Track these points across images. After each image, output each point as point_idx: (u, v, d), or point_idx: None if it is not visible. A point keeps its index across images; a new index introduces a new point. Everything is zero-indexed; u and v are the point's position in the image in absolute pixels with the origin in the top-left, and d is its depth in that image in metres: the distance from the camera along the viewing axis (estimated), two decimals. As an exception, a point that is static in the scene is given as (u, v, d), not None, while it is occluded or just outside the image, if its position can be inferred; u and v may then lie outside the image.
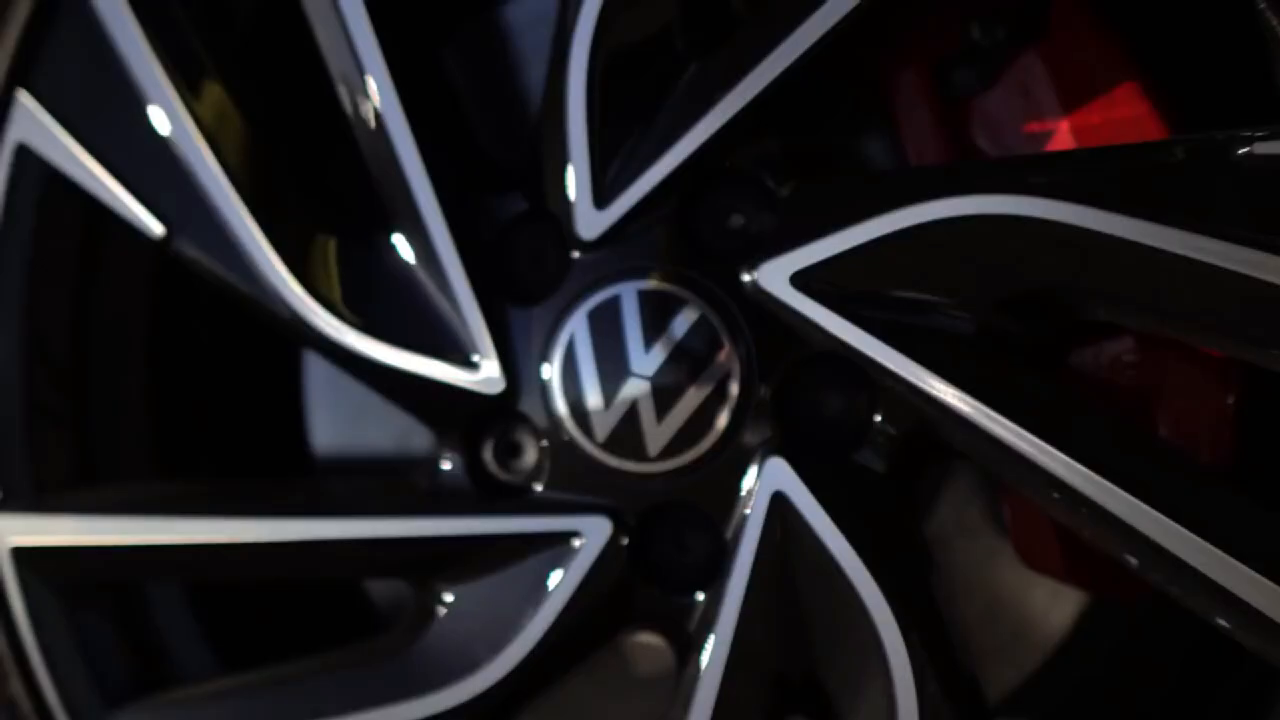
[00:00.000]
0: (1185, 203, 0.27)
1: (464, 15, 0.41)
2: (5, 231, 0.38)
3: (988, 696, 0.34)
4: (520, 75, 0.41)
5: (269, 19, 0.39)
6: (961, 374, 0.30)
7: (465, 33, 0.41)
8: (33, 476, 0.39)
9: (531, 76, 0.40)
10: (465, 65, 0.42)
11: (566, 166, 0.33)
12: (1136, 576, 0.29)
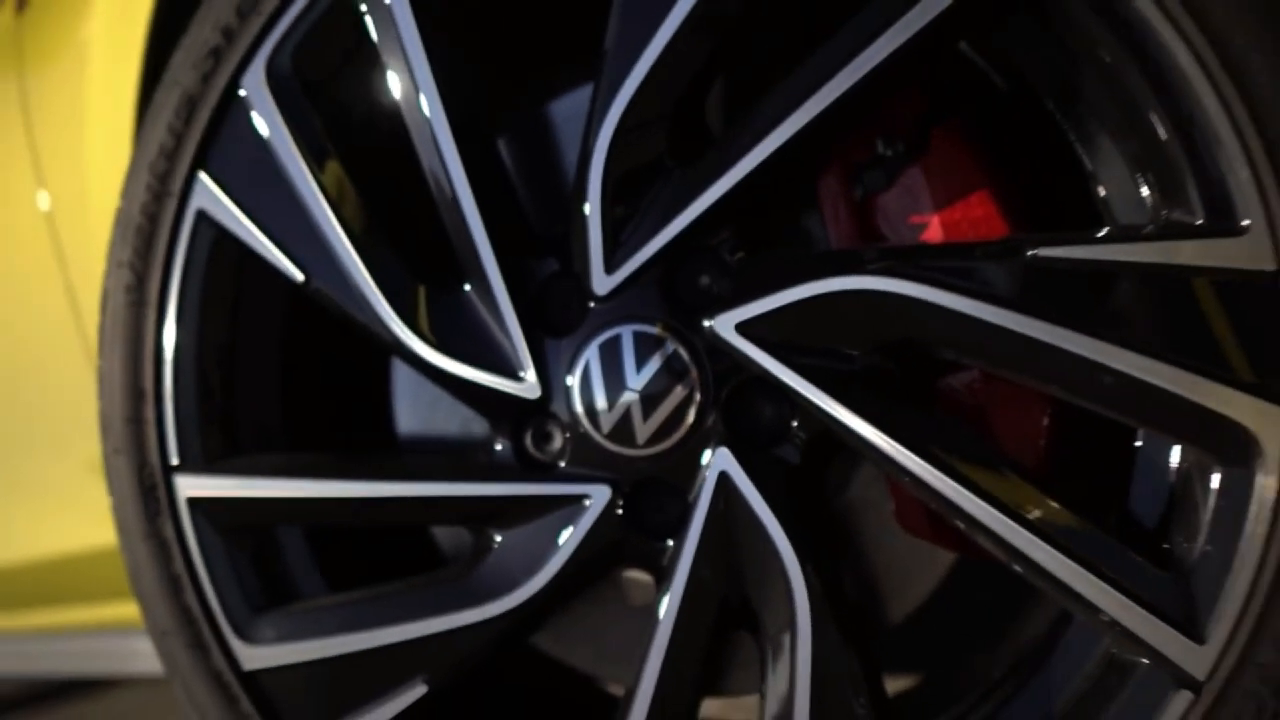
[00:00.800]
0: (993, 286, 0.41)
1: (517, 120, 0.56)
2: (186, 271, 0.54)
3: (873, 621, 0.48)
4: (555, 173, 0.56)
5: (378, 121, 0.53)
6: (850, 396, 0.43)
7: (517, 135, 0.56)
8: (202, 449, 0.55)
9: (564, 171, 0.55)
10: (517, 161, 0.56)
11: (587, 243, 0.47)
12: (967, 538, 0.43)
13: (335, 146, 0.53)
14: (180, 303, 0.54)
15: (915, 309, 0.41)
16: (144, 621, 0.56)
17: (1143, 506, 0.44)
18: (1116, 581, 0.40)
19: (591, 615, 0.57)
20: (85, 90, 0.73)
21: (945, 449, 0.42)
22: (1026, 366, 0.42)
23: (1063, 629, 0.46)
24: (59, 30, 0.80)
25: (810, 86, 0.43)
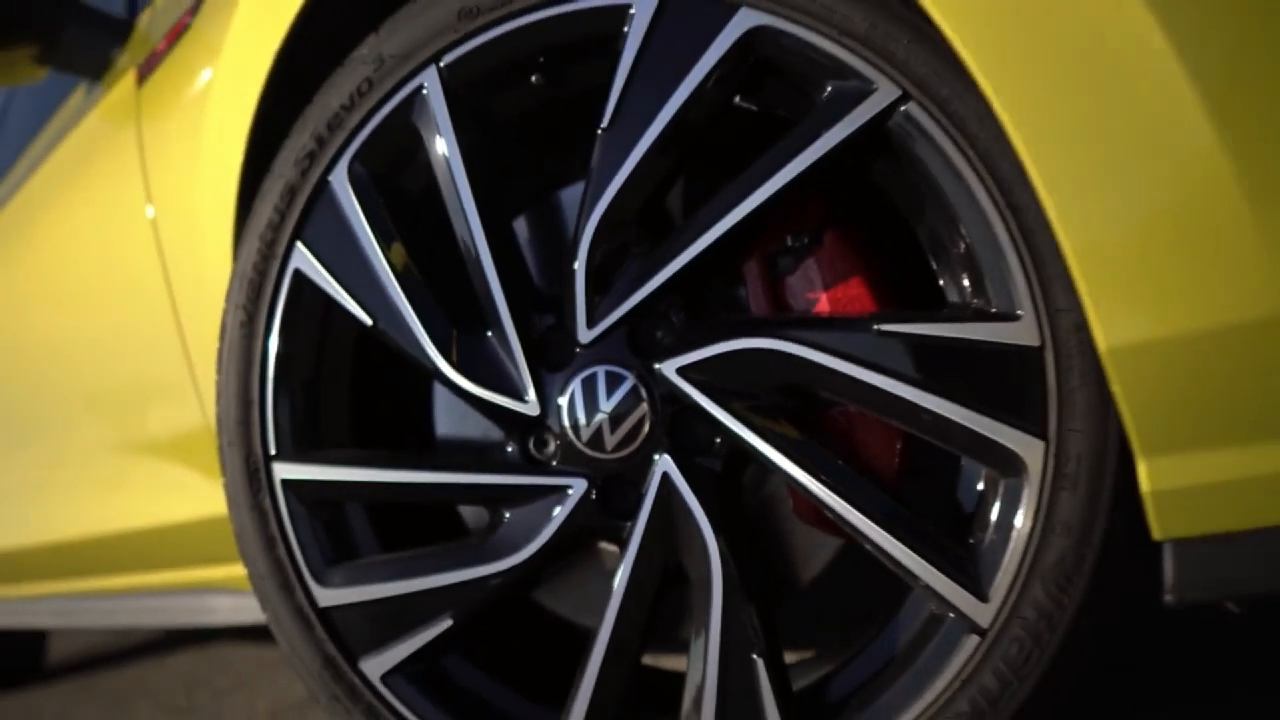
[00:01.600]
0: (851, 349, 0.59)
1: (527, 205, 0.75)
2: (285, 313, 0.73)
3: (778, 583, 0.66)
4: (554, 249, 0.74)
5: (426, 205, 0.72)
6: (755, 423, 0.62)
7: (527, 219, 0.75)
8: (292, 443, 0.74)
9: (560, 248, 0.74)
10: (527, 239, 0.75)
11: (575, 305, 0.65)
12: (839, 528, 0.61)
13: (395, 224, 0.72)
14: (280, 336, 0.73)
15: (798, 363, 0.59)
16: (246, 569, 0.76)
17: (960, 505, 0.62)
18: (931, 558, 0.58)
19: (575, 576, 0.75)
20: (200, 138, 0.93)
21: (819, 463, 0.60)
22: (874, 406, 0.60)
23: (906, 594, 0.63)
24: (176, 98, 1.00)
25: (730, 203, 0.61)
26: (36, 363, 1.40)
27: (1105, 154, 0.45)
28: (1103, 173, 0.45)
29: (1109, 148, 0.45)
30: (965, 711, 0.57)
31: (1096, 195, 0.45)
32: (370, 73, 0.70)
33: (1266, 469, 0.43)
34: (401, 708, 0.70)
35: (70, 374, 1.32)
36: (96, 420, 1.32)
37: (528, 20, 0.66)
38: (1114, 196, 0.45)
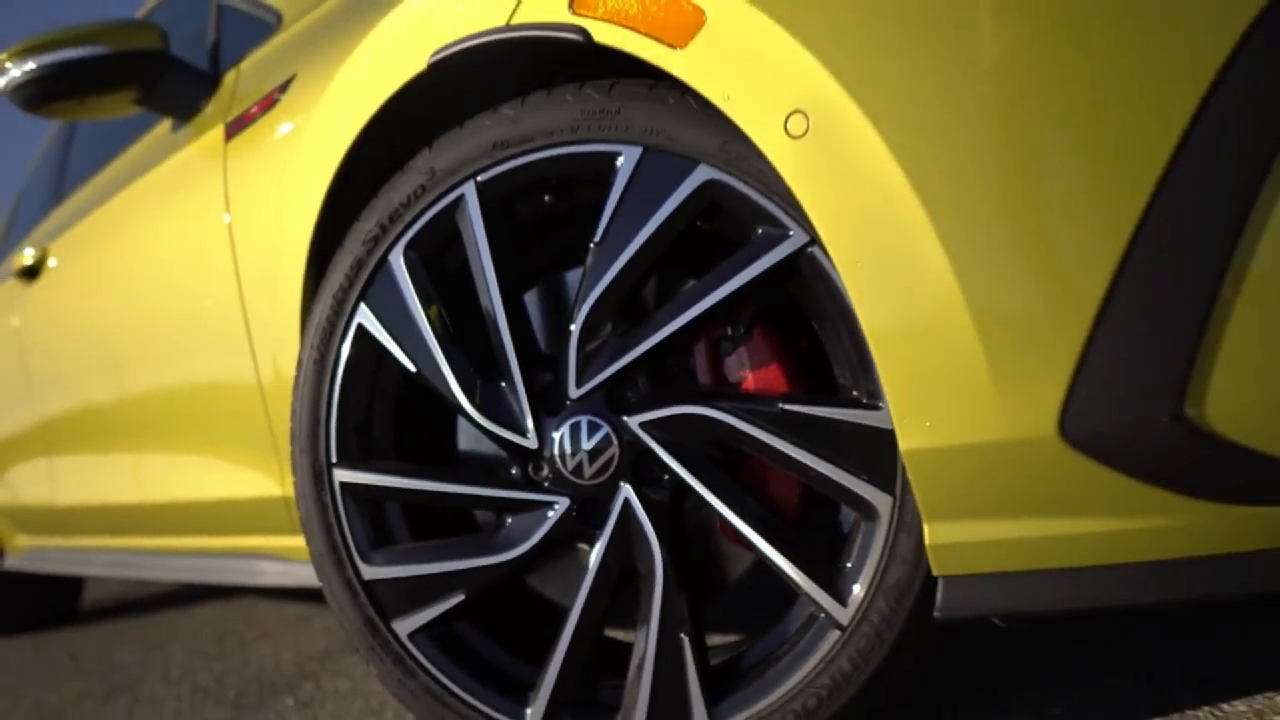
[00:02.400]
0: (761, 419, 0.82)
1: (535, 284, 0.98)
2: (349, 356, 0.96)
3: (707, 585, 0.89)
4: (556, 321, 0.97)
5: (460, 281, 0.95)
6: (692, 465, 0.84)
7: (536, 296, 0.98)
8: (349, 454, 0.97)
9: (561, 322, 0.96)
10: (535, 312, 0.98)
11: (568, 370, 0.88)
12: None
13: (436, 293, 0.95)
14: (344, 372, 0.97)
15: (723, 426, 0.82)
16: (309, 547, 0.99)
17: (837, 536, 0.85)
18: (810, 573, 0.81)
19: (557, 567, 0.99)
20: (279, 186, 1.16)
21: (735, 499, 0.83)
22: (777, 462, 0.82)
23: (795, 597, 0.86)
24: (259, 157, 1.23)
25: (683, 306, 0.83)
26: (123, 343, 1.64)
27: (900, 305, 0.66)
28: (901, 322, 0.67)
29: (899, 301, 0.66)
30: (826, 684, 0.81)
31: (896, 342, 0.67)
32: (424, 180, 0.93)
33: (1005, 535, 0.65)
34: (422, 658, 0.94)
35: (151, 352, 1.56)
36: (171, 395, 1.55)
37: (543, 155, 0.88)
38: (908, 345, 0.67)
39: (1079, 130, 0.60)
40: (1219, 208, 0.57)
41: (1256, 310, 0.57)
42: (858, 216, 0.67)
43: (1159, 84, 0.59)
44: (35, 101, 1.45)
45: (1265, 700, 0.82)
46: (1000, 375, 0.62)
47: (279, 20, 1.39)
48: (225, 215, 1.27)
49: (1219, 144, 0.58)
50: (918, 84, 0.63)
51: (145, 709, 1.68)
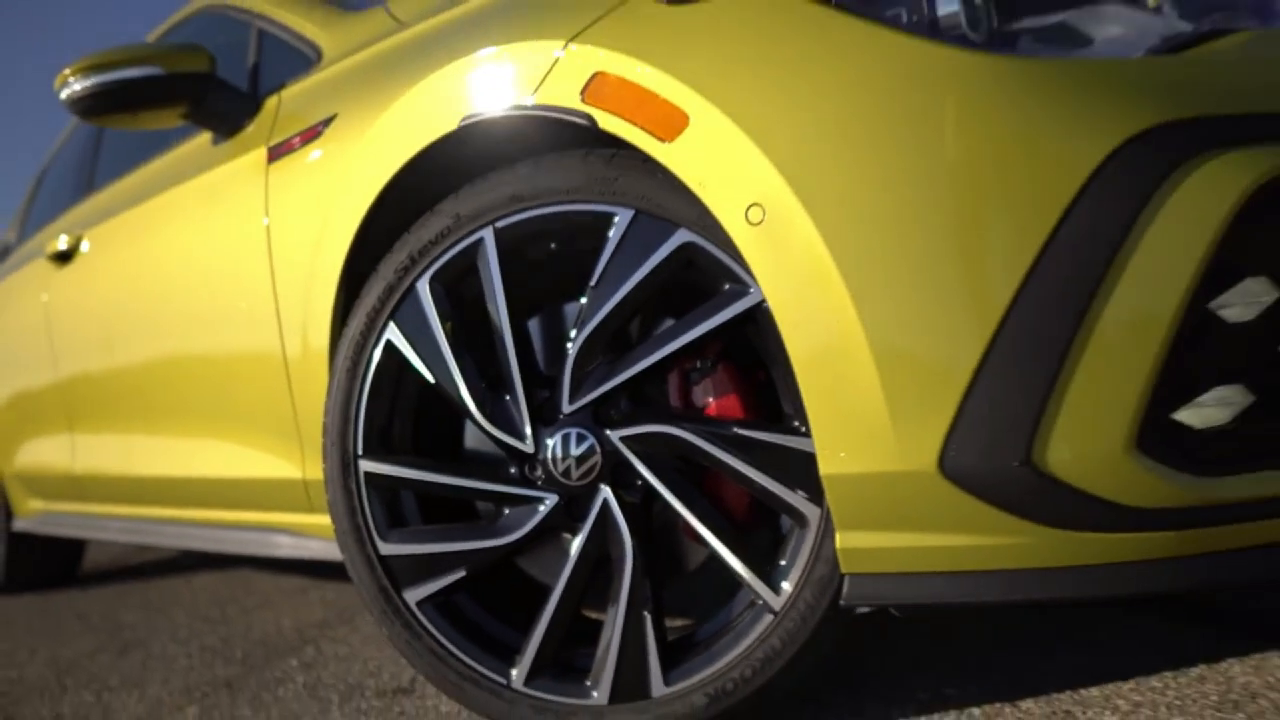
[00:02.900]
0: (720, 440, 1.00)
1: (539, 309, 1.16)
2: (378, 367, 1.14)
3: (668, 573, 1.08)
4: (556, 346, 1.15)
5: (475, 308, 1.12)
6: (661, 474, 1.03)
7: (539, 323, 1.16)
8: (373, 448, 1.15)
9: (560, 346, 1.14)
10: (537, 337, 1.16)
11: (563, 389, 1.06)
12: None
13: (454, 316, 1.12)
14: (372, 379, 1.14)
15: (686, 444, 1.00)
16: (334, 526, 1.17)
17: (778, 537, 1.03)
18: (752, 567, 0.99)
19: (545, 552, 1.17)
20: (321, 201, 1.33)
21: (694, 503, 1.01)
22: (730, 476, 1.00)
23: (739, 586, 1.05)
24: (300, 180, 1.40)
25: (659, 344, 1.01)
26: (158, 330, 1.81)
27: (823, 358, 0.84)
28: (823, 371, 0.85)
29: (823, 355, 0.84)
30: (760, 658, 0.99)
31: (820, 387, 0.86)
32: (450, 223, 1.11)
33: (897, 544, 0.84)
34: (427, 623, 1.12)
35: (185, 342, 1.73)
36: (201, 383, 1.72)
37: (552, 210, 1.06)
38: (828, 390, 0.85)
39: (964, 234, 0.78)
40: (1065, 306, 0.76)
41: (1086, 387, 0.75)
42: (796, 287, 0.85)
43: (1027, 205, 0.77)
44: (93, 113, 1.62)
45: (1113, 687, 1.02)
46: (897, 421, 0.81)
47: (319, 55, 1.56)
48: (265, 226, 1.44)
49: (1069, 253, 0.76)
50: (845, 190, 0.81)
51: (158, 664, 1.85)
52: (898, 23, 0.84)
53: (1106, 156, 0.75)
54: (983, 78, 0.79)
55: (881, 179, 0.80)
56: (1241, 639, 1.10)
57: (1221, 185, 0.74)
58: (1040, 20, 0.87)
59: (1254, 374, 0.78)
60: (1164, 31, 0.84)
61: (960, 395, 0.78)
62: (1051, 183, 0.76)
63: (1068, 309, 0.76)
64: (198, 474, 1.77)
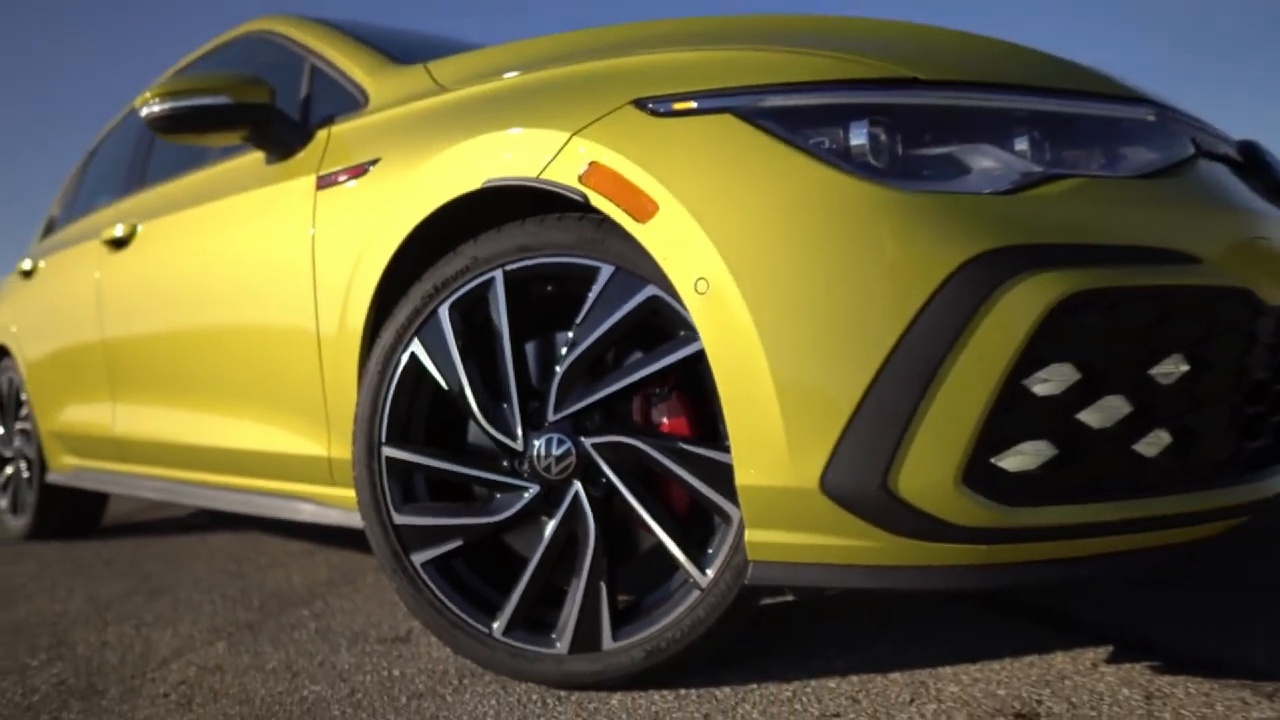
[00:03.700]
0: (667, 453, 1.28)
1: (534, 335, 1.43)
2: (400, 373, 1.42)
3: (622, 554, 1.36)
4: (548, 365, 1.43)
5: (484, 329, 1.40)
6: (620, 475, 1.30)
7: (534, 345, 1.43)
8: (394, 438, 1.43)
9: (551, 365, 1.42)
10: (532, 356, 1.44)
11: (550, 402, 1.34)
12: (651, 529, 1.31)
13: (466, 336, 1.40)
14: (397, 382, 1.42)
15: (642, 453, 1.28)
16: (358, 498, 1.45)
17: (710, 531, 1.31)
18: (687, 553, 1.27)
19: (526, 530, 1.44)
20: (361, 230, 1.61)
21: (645, 499, 1.29)
22: (674, 480, 1.28)
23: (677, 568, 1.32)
24: (344, 209, 1.67)
25: (626, 373, 1.29)
26: (207, 317, 2.09)
27: (740, 395, 1.12)
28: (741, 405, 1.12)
29: (741, 393, 1.12)
30: (688, 624, 1.27)
31: (738, 416, 1.13)
32: (468, 263, 1.38)
33: (790, 541, 1.11)
34: (428, 581, 1.40)
35: (232, 332, 2.01)
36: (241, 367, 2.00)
37: (551, 260, 1.34)
38: (744, 419, 1.12)
39: (848, 315, 1.06)
40: (918, 375, 1.03)
41: (929, 435, 1.03)
42: (726, 340, 1.13)
43: (897, 298, 1.05)
44: (168, 130, 1.89)
45: (961, 667, 1.29)
46: (792, 449, 1.08)
47: (366, 99, 1.83)
48: (311, 246, 1.71)
49: (923, 337, 1.04)
50: (766, 273, 1.09)
51: (186, 607, 2.13)
52: (820, 148, 1.12)
53: (956, 267, 1.03)
54: (873, 201, 1.06)
55: (793, 267, 1.08)
56: (1066, 635, 1.38)
57: (1034, 297, 1.01)
58: (933, 150, 1.14)
59: (1056, 434, 1.05)
60: (1021, 170, 1.11)
61: (838, 434, 1.06)
62: (914, 283, 1.04)
63: (920, 377, 1.03)
64: (232, 445, 2.04)
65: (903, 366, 1.04)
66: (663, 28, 1.44)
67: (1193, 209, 1.14)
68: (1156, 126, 1.21)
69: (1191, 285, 1.08)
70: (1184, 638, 1.34)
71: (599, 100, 1.26)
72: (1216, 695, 1.13)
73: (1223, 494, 1.12)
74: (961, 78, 1.15)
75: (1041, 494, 1.06)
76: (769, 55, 1.19)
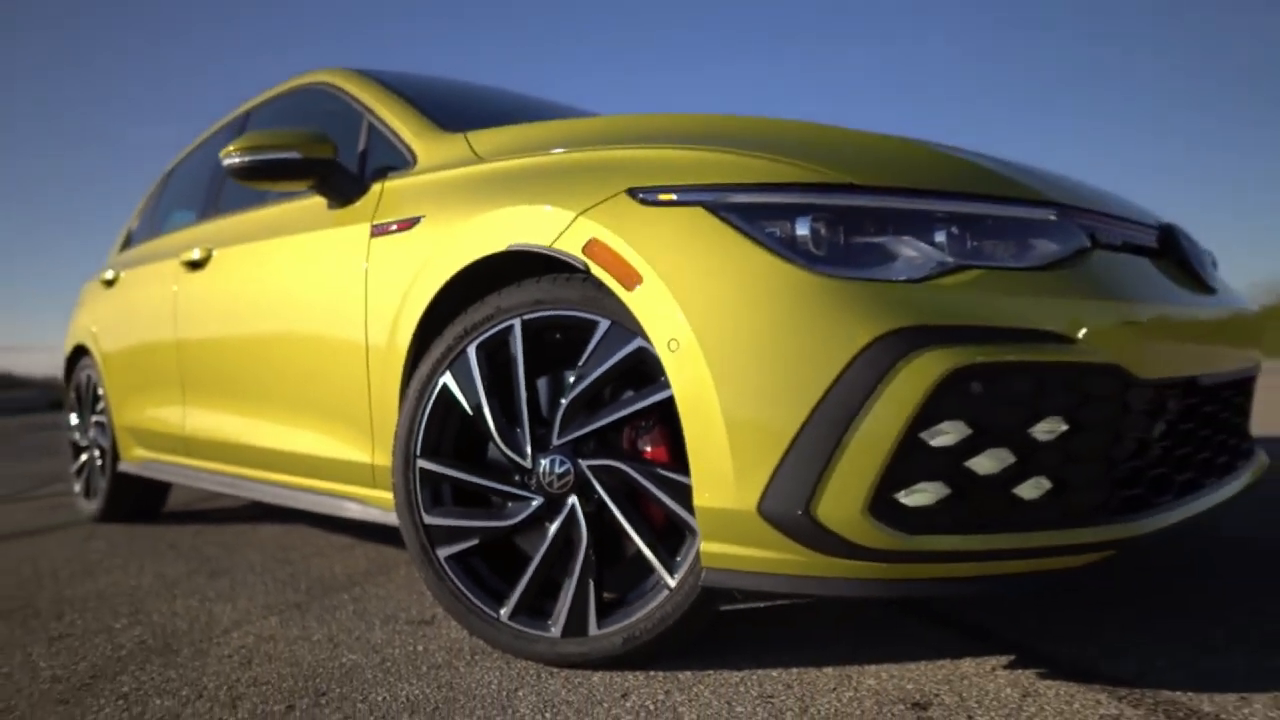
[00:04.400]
0: (648, 475, 1.56)
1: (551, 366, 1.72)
2: (434, 400, 1.72)
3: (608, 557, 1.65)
4: (553, 393, 1.72)
5: (504, 365, 1.69)
6: (611, 492, 1.59)
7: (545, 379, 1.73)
8: (428, 450, 1.73)
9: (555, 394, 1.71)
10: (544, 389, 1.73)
11: (555, 430, 1.63)
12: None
13: (489, 371, 1.70)
14: (431, 406, 1.73)
15: (628, 475, 1.56)
16: (395, 500, 1.75)
17: (680, 541, 1.58)
18: (660, 560, 1.55)
19: (532, 533, 1.73)
20: (407, 275, 1.93)
21: (628, 513, 1.57)
22: (652, 498, 1.56)
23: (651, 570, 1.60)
24: (394, 257, 1.98)
25: (617, 409, 1.58)
26: (270, 335, 2.42)
27: (699, 434, 1.40)
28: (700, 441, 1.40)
29: (700, 432, 1.40)
30: (658, 618, 1.55)
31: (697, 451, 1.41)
32: (492, 312, 1.68)
33: (734, 552, 1.39)
34: (450, 572, 1.70)
35: (291, 349, 2.33)
36: (301, 382, 2.32)
37: (560, 313, 1.63)
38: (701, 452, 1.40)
39: (784, 374, 1.33)
40: (835, 427, 1.30)
41: (843, 473, 1.30)
42: (689, 387, 1.40)
43: (824, 362, 1.32)
44: (246, 178, 2.22)
45: (881, 665, 1.56)
46: (738, 478, 1.36)
47: (414, 160, 2.14)
48: (365, 283, 2.02)
49: (842, 396, 1.31)
50: (721, 336, 1.37)
51: (242, 587, 2.46)
52: (771, 239, 1.39)
53: (870, 341, 1.30)
54: (809, 284, 1.34)
55: (744, 334, 1.36)
56: (978, 643, 1.63)
57: (929, 369, 1.28)
58: (864, 240, 1.41)
59: (949, 477, 1.32)
60: (937, 260, 1.38)
61: (773, 468, 1.33)
62: (837, 352, 1.31)
63: (837, 427, 1.30)
64: (288, 448, 2.37)
65: (825, 418, 1.31)
66: (658, 121, 1.73)
67: (1076, 297, 1.39)
68: (1056, 225, 1.46)
69: (1063, 361, 1.33)
70: (1075, 648, 1.59)
71: (601, 187, 1.56)
72: (1078, 696, 1.38)
73: (1092, 532, 1.37)
74: (890, 184, 1.42)
75: (935, 524, 1.32)
76: (735, 158, 1.47)
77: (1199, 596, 1.89)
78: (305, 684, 1.62)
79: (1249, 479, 1.84)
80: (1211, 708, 1.32)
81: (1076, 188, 1.68)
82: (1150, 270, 1.62)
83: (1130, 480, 1.46)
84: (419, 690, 1.55)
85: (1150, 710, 1.32)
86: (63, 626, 2.13)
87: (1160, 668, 1.48)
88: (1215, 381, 1.66)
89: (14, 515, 4.23)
